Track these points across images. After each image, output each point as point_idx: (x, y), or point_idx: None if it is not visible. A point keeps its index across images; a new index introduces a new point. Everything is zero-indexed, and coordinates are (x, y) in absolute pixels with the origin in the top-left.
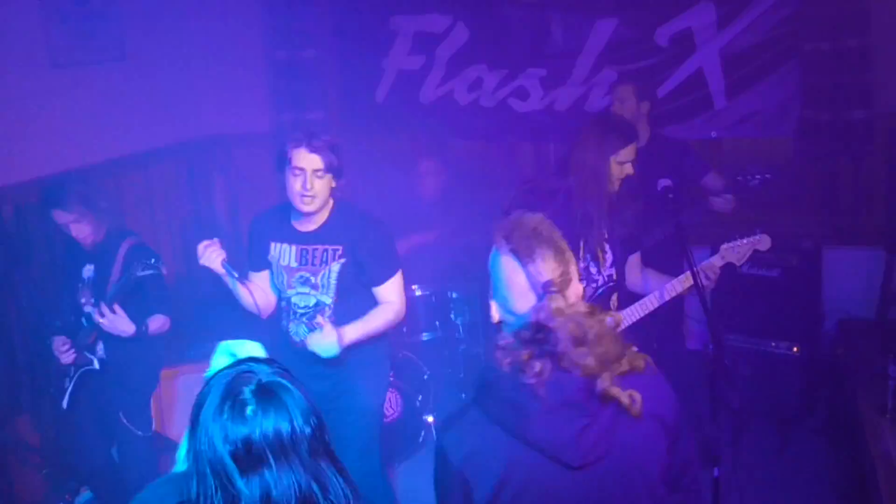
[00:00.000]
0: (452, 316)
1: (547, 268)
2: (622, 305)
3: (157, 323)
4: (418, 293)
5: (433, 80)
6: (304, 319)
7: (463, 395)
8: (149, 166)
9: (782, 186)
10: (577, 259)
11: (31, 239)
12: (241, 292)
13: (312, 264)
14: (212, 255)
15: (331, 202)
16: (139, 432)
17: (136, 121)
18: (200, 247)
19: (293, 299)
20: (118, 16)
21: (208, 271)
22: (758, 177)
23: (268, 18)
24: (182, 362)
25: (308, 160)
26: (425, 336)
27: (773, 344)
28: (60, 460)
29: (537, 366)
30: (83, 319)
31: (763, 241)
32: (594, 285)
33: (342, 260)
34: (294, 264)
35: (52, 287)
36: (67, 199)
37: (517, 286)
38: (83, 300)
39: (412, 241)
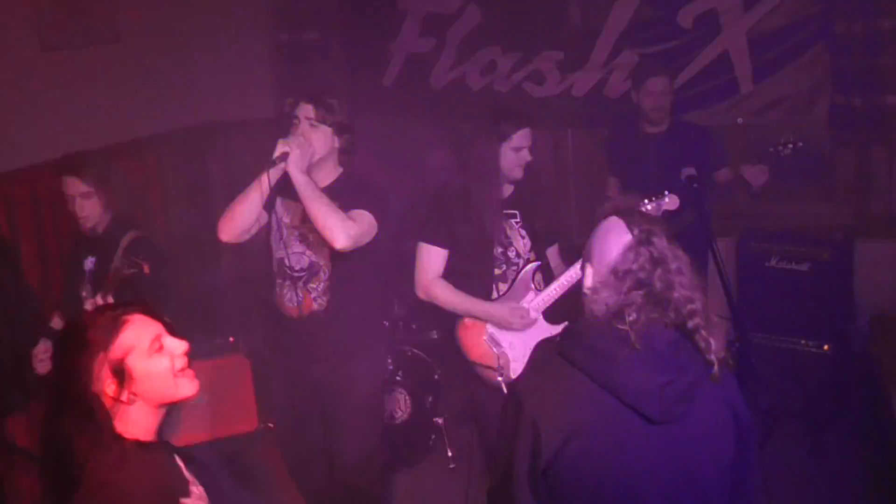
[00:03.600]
0: None
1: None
2: (546, 284)
3: None
4: None
5: (444, 64)
6: (300, 283)
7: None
8: (144, 153)
9: (812, 175)
10: (492, 245)
11: (19, 231)
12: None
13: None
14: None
15: (339, 168)
16: None
17: (130, 106)
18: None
19: (287, 261)
20: None
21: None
22: (790, 146)
23: None
24: None
25: (302, 108)
26: (434, 334)
27: (803, 341)
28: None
29: (633, 314)
30: None
31: (672, 201)
32: (514, 268)
33: None
34: (297, 222)
35: (44, 281)
36: (87, 170)
37: (620, 239)
38: (84, 294)
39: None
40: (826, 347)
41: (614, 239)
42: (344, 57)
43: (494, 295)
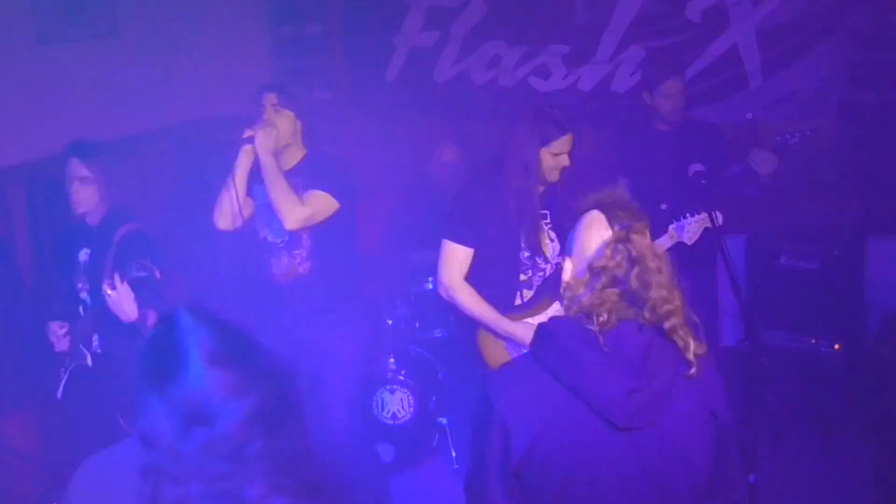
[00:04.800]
0: None
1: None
2: None
3: (154, 319)
4: (430, 286)
5: (448, 58)
6: (285, 251)
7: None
8: (143, 149)
9: (823, 172)
10: (520, 249)
11: (13, 227)
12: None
13: None
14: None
15: (304, 148)
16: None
17: (129, 101)
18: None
19: (269, 237)
20: None
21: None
22: (798, 135)
23: None
24: None
25: (266, 97)
26: (438, 332)
27: (814, 341)
28: (48, 464)
29: (604, 315)
30: (80, 308)
31: (715, 218)
32: (541, 274)
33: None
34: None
35: (39, 277)
36: (92, 155)
37: (600, 234)
38: (79, 285)
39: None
40: (837, 347)
41: (595, 234)
42: (346, 51)
43: (518, 301)
